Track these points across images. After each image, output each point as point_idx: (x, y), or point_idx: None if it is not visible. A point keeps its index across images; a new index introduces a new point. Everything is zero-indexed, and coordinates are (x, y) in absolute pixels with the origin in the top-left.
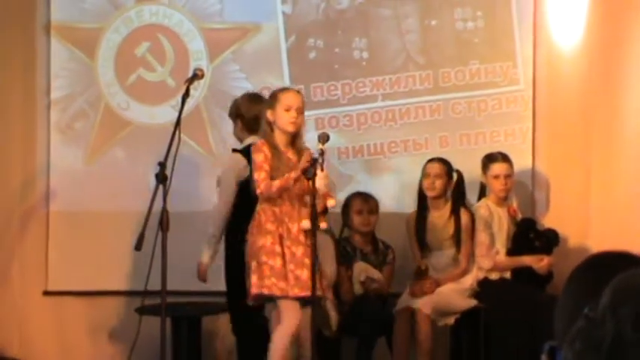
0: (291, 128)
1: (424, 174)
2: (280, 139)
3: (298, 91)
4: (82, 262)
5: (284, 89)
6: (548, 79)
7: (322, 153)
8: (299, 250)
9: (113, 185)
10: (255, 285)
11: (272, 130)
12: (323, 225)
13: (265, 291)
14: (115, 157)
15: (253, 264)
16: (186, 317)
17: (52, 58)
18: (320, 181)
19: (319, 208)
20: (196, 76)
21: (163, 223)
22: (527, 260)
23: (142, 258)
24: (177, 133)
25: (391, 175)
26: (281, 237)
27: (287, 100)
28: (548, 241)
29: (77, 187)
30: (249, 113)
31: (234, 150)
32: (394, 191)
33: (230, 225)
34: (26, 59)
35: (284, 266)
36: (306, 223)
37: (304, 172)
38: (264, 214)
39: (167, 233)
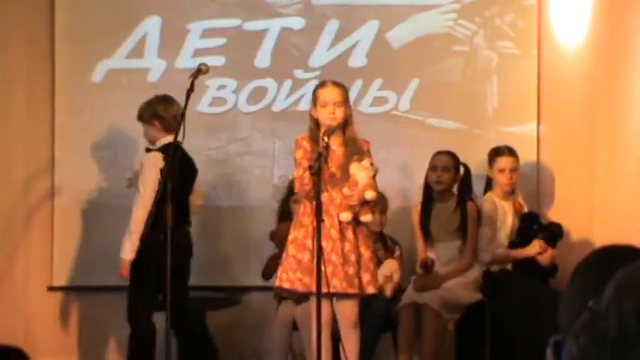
0: (330, 123)
1: (431, 166)
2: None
3: (336, 84)
4: (86, 257)
5: (320, 84)
6: (553, 74)
7: (327, 147)
8: (346, 246)
9: (118, 180)
10: (278, 277)
11: (317, 126)
12: (367, 218)
13: (286, 285)
14: (121, 149)
15: (283, 256)
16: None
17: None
18: (361, 172)
19: (356, 200)
20: (200, 71)
21: (166, 220)
22: (529, 250)
23: None
24: (181, 127)
25: (394, 169)
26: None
27: (323, 96)
28: (552, 234)
29: (82, 182)
30: (168, 114)
31: (149, 149)
32: (397, 185)
33: (149, 221)
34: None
35: (312, 261)
36: (346, 216)
37: (309, 167)
38: (303, 207)
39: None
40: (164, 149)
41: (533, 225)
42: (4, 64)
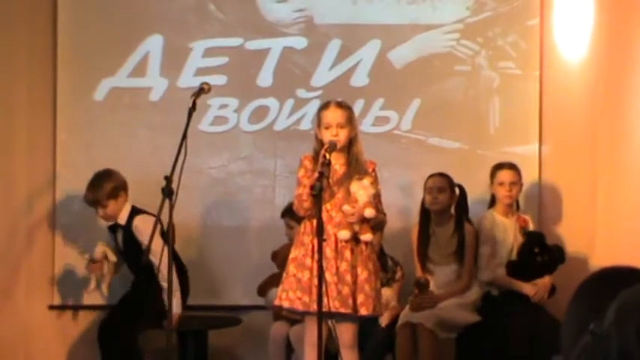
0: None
1: (426, 189)
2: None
3: (339, 105)
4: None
5: (324, 106)
6: (555, 94)
7: (329, 163)
8: (342, 265)
9: None
10: (278, 296)
11: (322, 147)
12: (367, 237)
13: (286, 304)
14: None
15: (284, 275)
16: (192, 331)
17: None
18: (361, 190)
19: (355, 217)
20: (202, 89)
21: (169, 237)
22: (524, 287)
23: None
24: (183, 146)
25: (395, 189)
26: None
27: (325, 118)
28: (552, 258)
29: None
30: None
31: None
32: (399, 205)
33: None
34: (32, 63)
35: (311, 280)
36: (344, 234)
37: (311, 188)
38: (304, 226)
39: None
40: (136, 212)
41: (534, 247)
42: (7, 81)
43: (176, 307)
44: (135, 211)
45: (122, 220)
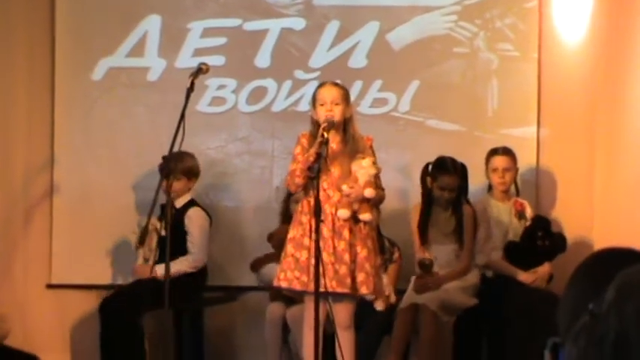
0: (328, 117)
1: (435, 176)
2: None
3: (335, 84)
4: (85, 255)
5: (319, 85)
6: (554, 77)
7: (327, 142)
8: (340, 245)
9: (118, 177)
10: (276, 277)
11: (318, 127)
12: (366, 216)
13: (284, 284)
14: (121, 148)
15: (282, 255)
16: (188, 311)
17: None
18: (362, 170)
19: (354, 197)
20: (200, 70)
21: (167, 217)
22: (521, 275)
23: None
24: (181, 127)
25: (393, 170)
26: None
27: (321, 95)
28: (554, 245)
29: (81, 179)
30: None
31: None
32: (396, 187)
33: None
34: (30, 43)
35: (309, 260)
36: (344, 213)
37: (308, 169)
38: (301, 205)
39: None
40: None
41: (538, 231)
42: (5, 61)
43: (160, 267)
44: (193, 202)
45: (179, 204)
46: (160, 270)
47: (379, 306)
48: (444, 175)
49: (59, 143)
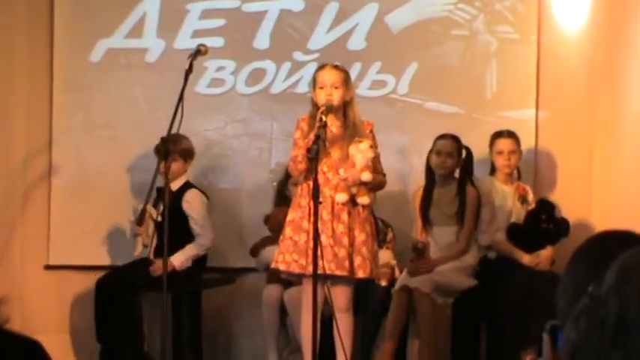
0: (327, 101)
1: (435, 151)
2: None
3: (335, 67)
4: (84, 236)
5: (319, 67)
6: (553, 59)
7: (325, 125)
8: (339, 228)
9: (117, 159)
10: (275, 259)
11: (317, 109)
12: (364, 200)
13: (282, 267)
14: (119, 129)
15: (280, 237)
16: (186, 293)
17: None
18: (359, 154)
19: (351, 181)
20: (199, 51)
21: (165, 199)
22: (524, 258)
23: None
24: (180, 108)
25: (392, 153)
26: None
27: (321, 78)
28: (557, 229)
29: (79, 161)
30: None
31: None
32: (395, 169)
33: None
34: (29, 25)
35: (307, 243)
36: (342, 196)
37: (308, 151)
38: (300, 188)
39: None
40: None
41: (542, 214)
42: (4, 43)
43: (175, 258)
44: (189, 185)
45: (175, 186)
46: (176, 261)
47: (383, 282)
48: (439, 140)
49: (58, 125)
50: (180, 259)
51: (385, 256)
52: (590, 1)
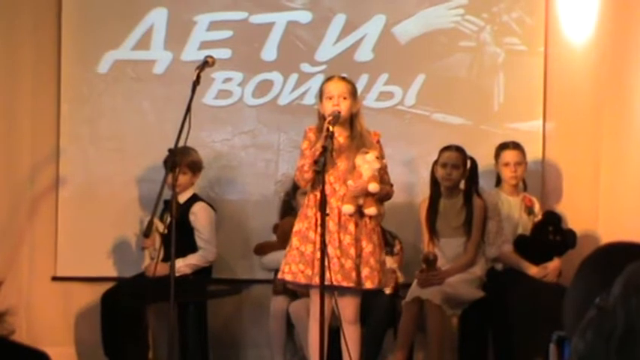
0: (334, 110)
1: (441, 163)
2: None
3: (342, 78)
4: (91, 248)
5: (327, 79)
6: (560, 71)
7: (332, 136)
8: (346, 239)
9: (124, 170)
10: (281, 270)
11: (324, 121)
12: (371, 211)
13: (288, 277)
14: (126, 141)
15: (287, 248)
16: (192, 304)
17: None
18: (366, 165)
19: (358, 192)
20: (207, 63)
21: (172, 211)
22: (531, 269)
23: None
24: (187, 120)
25: (399, 164)
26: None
27: (328, 89)
28: (564, 240)
29: (87, 172)
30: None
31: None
32: (402, 181)
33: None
34: (36, 36)
35: (314, 253)
36: (348, 208)
37: (314, 162)
38: (308, 199)
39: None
40: (198, 199)
41: (549, 226)
42: (11, 53)
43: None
44: (196, 197)
45: (182, 199)
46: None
47: (387, 289)
48: (444, 151)
49: (65, 136)
50: (178, 264)
51: (388, 262)
52: (597, 12)
